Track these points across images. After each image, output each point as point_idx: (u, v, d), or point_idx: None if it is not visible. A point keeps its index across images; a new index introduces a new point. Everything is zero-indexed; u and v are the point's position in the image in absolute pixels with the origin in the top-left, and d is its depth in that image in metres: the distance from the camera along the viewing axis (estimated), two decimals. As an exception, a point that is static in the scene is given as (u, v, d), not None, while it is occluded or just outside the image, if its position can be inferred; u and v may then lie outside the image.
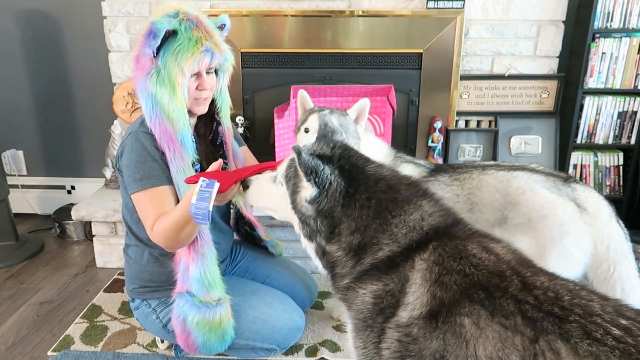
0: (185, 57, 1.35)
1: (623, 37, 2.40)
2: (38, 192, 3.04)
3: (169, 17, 1.36)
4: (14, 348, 1.82)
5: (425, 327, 0.90)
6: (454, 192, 1.56)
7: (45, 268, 2.44)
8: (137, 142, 1.42)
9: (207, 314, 1.49)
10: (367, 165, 1.08)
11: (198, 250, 1.46)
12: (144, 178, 1.40)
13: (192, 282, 1.48)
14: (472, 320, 0.84)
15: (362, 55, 2.47)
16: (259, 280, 1.81)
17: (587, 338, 0.73)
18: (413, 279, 0.95)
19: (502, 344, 0.80)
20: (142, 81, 1.38)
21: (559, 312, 0.78)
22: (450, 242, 0.97)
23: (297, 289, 1.84)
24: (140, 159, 1.41)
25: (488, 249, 0.95)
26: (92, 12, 2.61)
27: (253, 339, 1.62)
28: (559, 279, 0.86)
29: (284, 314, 1.66)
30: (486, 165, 1.59)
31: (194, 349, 1.55)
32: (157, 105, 1.38)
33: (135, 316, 1.69)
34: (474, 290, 0.87)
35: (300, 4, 2.49)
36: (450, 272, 0.91)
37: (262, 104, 2.54)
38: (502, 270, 0.89)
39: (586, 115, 2.53)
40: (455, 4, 2.39)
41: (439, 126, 2.52)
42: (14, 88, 2.86)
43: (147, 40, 1.35)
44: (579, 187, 1.45)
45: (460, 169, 1.62)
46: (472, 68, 2.57)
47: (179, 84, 1.37)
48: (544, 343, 0.76)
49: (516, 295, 0.83)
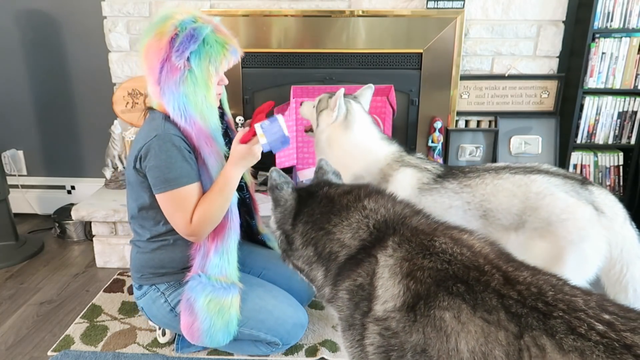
0: (218, 58, 1.44)
1: (623, 37, 2.40)
2: (38, 192, 3.04)
3: (191, 22, 1.42)
4: (14, 348, 1.82)
5: (403, 320, 0.91)
6: (465, 199, 1.51)
7: (45, 268, 2.44)
8: (167, 142, 1.45)
9: (220, 293, 1.52)
10: (320, 189, 1.19)
11: (226, 231, 1.53)
12: (177, 177, 1.45)
13: (211, 264, 1.52)
14: (453, 314, 0.85)
15: (362, 55, 2.48)
16: (255, 273, 1.80)
17: (572, 333, 0.74)
18: (380, 273, 0.98)
19: (485, 339, 0.80)
20: (173, 84, 1.42)
21: (543, 308, 0.78)
22: (415, 237, 0.99)
23: (294, 282, 1.84)
24: (170, 160, 1.44)
25: (459, 242, 0.96)
26: (92, 12, 2.61)
27: (257, 329, 1.63)
28: (542, 274, 0.87)
29: (290, 307, 1.68)
30: (499, 169, 1.53)
31: (197, 336, 1.55)
32: (190, 106, 1.44)
33: (139, 305, 1.68)
34: (452, 283, 0.88)
35: (300, 4, 2.49)
36: (422, 268, 0.92)
37: (262, 104, 2.54)
38: (479, 265, 0.89)
39: (586, 115, 2.53)
40: (455, 4, 2.39)
41: (439, 126, 2.52)
42: (14, 88, 2.86)
43: (183, 43, 1.39)
44: (595, 189, 1.44)
45: (472, 173, 1.56)
46: (472, 68, 2.57)
47: (212, 83, 1.46)
48: (529, 339, 0.77)
49: (499, 290, 0.83)
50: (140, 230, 1.61)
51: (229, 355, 1.74)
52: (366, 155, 1.71)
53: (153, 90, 1.47)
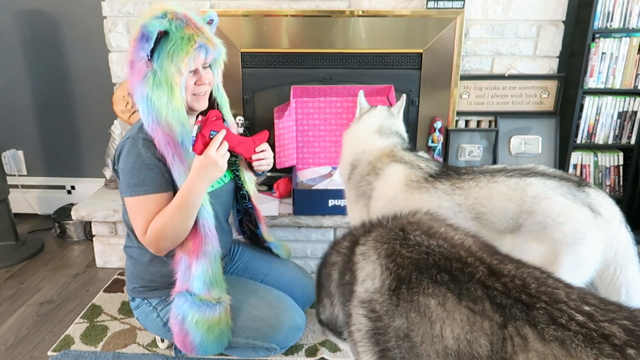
0: (180, 56, 1.34)
1: (623, 37, 2.40)
2: (38, 192, 3.04)
3: (158, 19, 1.35)
4: (14, 348, 1.82)
5: (386, 304, 0.94)
6: (456, 201, 1.49)
7: (45, 268, 2.44)
8: (134, 148, 1.42)
9: (206, 312, 1.49)
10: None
11: (202, 248, 1.46)
12: (138, 185, 1.41)
13: (194, 280, 1.48)
14: (438, 301, 0.87)
15: (362, 55, 2.47)
16: (257, 278, 1.80)
17: (553, 324, 0.77)
18: (356, 259, 1.04)
19: (471, 327, 0.83)
20: (139, 86, 1.38)
21: (526, 299, 0.81)
22: (388, 230, 1.03)
23: (296, 288, 1.84)
24: (134, 165, 1.41)
25: (434, 235, 0.99)
26: (92, 12, 2.61)
27: (253, 338, 1.62)
28: (526, 267, 0.89)
29: (285, 313, 1.66)
30: (494, 171, 1.51)
31: (191, 349, 1.55)
32: (154, 109, 1.37)
33: (135, 315, 1.69)
34: (436, 272, 0.90)
35: (300, 4, 2.49)
36: (401, 255, 0.96)
37: (262, 104, 2.54)
38: (461, 256, 0.92)
39: (586, 115, 2.53)
40: (455, 4, 2.39)
41: (439, 126, 2.52)
42: (14, 88, 2.86)
43: (140, 44, 1.35)
44: (592, 191, 1.43)
45: (466, 175, 1.53)
46: (472, 68, 2.57)
47: (177, 83, 1.37)
48: (512, 329, 0.79)
49: (484, 281, 0.86)
50: (131, 235, 1.59)
51: (229, 355, 1.74)
52: (360, 145, 1.71)
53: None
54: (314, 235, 2.32)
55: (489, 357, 0.80)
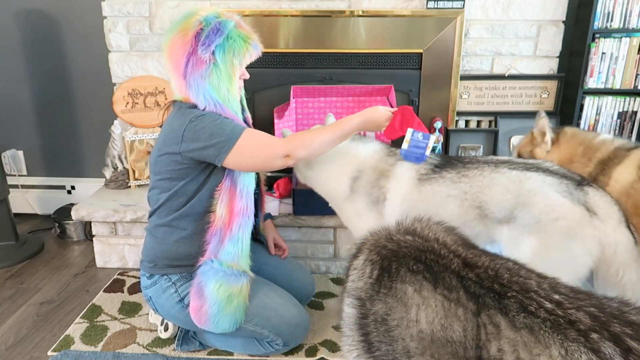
0: (242, 52, 1.49)
1: (623, 37, 2.40)
2: (38, 192, 3.04)
3: (215, 17, 1.46)
4: (14, 348, 1.82)
5: (370, 292, 0.98)
6: (462, 189, 1.53)
7: (45, 268, 2.44)
8: (201, 115, 1.47)
9: (231, 279, 1.54)
10: None
11: (239, 220, 1.54)
12: (235, 128, 1.47)
13: (224, 251, 1.53)
14: (414, 288, 0.92)
15: (362, 55, 2.48)
16: (254, 268, 1.80)
17: (523, 312, 0.80)
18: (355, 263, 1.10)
19: (445, 313, 0.87)
20: (199, 77, 1.46)
21: (498, 289, 0.85)
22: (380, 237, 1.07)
23: (294, 281, 1.87)
24: (215, 122, 1.47)
25: (409, 232, 1.03)
26: (92, 12, 2.62)
27: (262, 326, 1.63)
28: (499, 259, 0.93)
29: (295, 308, 1.69)
30: (499, 162, 1.54)
31: (205, 320, 1.56)
32: (216, 98, 1.49)
33: (147, 294, 1.66)
34: (413, 263, 0.95)
35: (300, 4, 2.49)
36: (385, 247, 1.01)
37: (262, 104, 2.54)
38: (434, 249, 0.96)
39: (586, 115, 2.53)
40: (455, 4, 2.39)
41: (439, 126, 2.52)
42: (14, 88, 2.86)
43: (209, 36, 1.43)
44: (591, 190, 1.44)
45: (470, 164, 1.57)
46: (472, 68, 2.57)
47: (235, 76, 1.51)
48: (485, 317, 0.83)
49: (458, 272, 0.90)
50: (163, 214, 1.60)
51: (229, 354, 1.74)
52: (357, 156, 1.69)
53: (178, 85, 1.51)
54: (314, 235, 2.33)
55: (462, 343, 0.83)
